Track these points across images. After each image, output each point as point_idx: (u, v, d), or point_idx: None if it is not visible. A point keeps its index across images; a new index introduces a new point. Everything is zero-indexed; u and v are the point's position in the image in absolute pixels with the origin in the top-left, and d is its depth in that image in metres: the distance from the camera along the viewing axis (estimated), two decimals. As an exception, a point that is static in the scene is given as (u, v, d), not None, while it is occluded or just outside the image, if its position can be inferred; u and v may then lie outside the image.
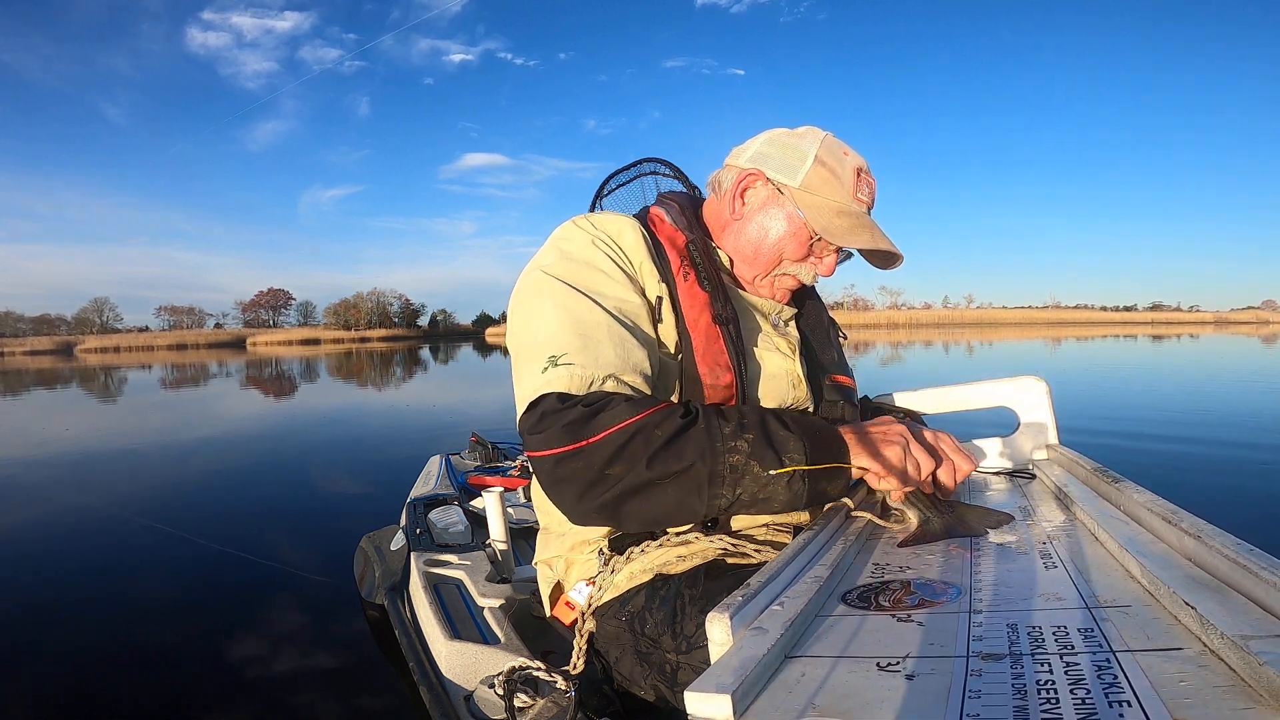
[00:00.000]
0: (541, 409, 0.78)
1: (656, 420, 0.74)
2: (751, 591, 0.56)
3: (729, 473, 0.73)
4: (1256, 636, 0.41)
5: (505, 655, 1.18)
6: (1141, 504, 0.71)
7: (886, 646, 0.50)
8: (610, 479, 0.73)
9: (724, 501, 0.74)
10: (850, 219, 0.94)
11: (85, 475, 4.57)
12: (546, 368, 0.80)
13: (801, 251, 0.97)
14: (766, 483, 0.73)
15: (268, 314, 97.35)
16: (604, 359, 0.81)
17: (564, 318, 0.83)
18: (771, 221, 0.96)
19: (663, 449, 0.73)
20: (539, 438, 0.76)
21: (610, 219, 0.94)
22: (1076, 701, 0.39)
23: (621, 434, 0.73)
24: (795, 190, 0.95)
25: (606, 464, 0.73)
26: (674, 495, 0.74)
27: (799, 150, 0.96)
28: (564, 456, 0.74)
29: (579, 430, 0.74)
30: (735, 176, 0.98)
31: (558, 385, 0.79)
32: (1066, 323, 77.16)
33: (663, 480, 0.73)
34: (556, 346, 0.81)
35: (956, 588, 0.61)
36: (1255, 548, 0.52)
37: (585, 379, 0.79)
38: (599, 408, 0.75)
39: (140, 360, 33.75)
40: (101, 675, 1.78)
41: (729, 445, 0.73)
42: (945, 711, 0.40)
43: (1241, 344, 19.24)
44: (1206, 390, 7.72)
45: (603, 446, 0.73)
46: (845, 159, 0.96)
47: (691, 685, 0.42)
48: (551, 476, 0.77)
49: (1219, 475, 3.62)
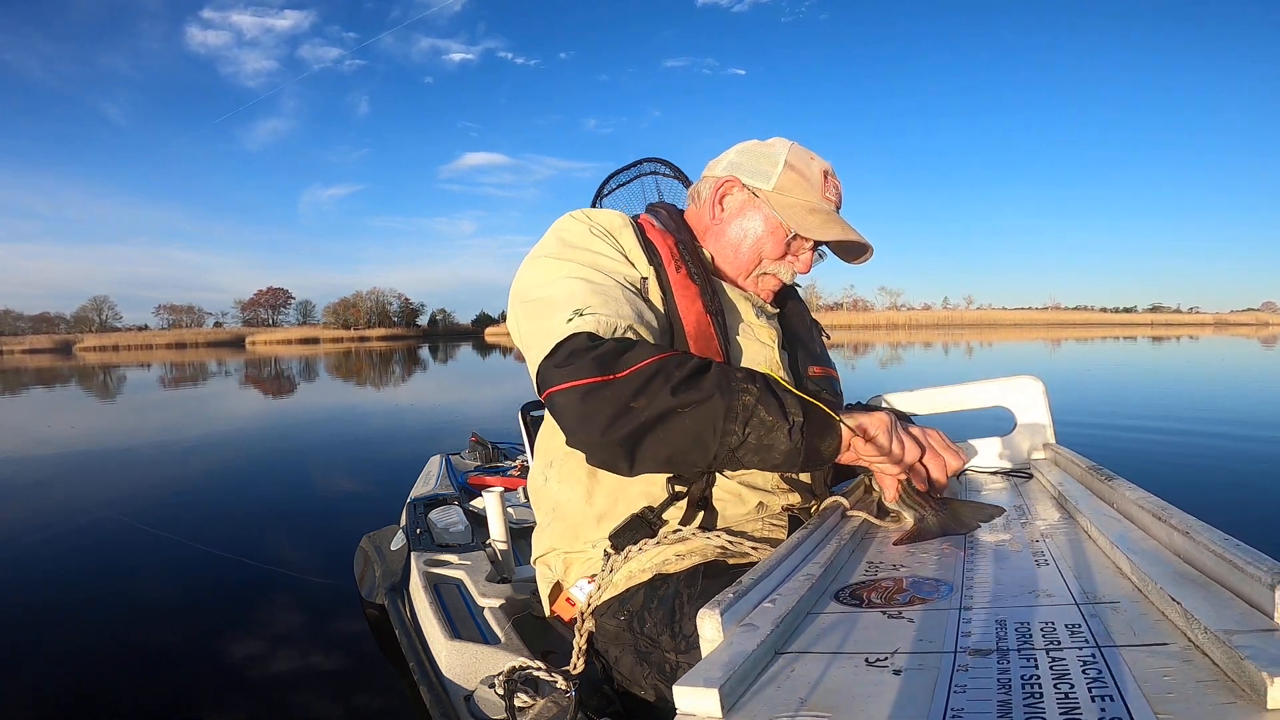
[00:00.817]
0: (571, 346, 0.81)
1: (676, 360, 0.80)
2: (743, 589, 0.56)
3: (741, 410, 0.77)
4: (1239, 631, 0.42)
5: (505, 655, 1.19)
6: (1133, 501, 0.72)
7: (876, 643, 0.50)
8: (634, 411, 0.77)
9: (734, 439, 0.77)
10: (822, 215, 1.01)
11: (84, 475, 4.57)
12: (572, 318, 0.84)
13: (779, 250, 1.03)
14: (771, 428, 0.77)
15: (267, 313, 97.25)
16: (623, 311, 0.86)
17: (579, 284, 0.88)
18: (749, 223, 1.03)
19: (683, 382, 0.77)
20: (566, 370, 0.80)
21: (604, 212, 1.00)
22: (1060, 696, 0.40)
23: (647, 369, 0.78)
24: (769, 193, 1.01)
25: (632, 396, 0.77)
26: (691, 427, 0.77)
27: (770, 157, 1.03)
28: (593, 387, 0.78)
29: (609, 364, 0.78)
30: (713, 185, 1.05)
31: (586, 327, 0.83)
32: (1066, 324, 77.16)
33: (683, 409, 0.77)
34: (580, 301, 0.85)
35: (949, 585, 0.62)
36: (1241, 542, 0.52)
37: (610, 325, 0.84)
38: (626, 346, 0.81)
39: (139, 359, 33.74)
40: (102, 676, 1.79)
41: (741, 386, 0.78)
42: (930, 706, 0.40)
43: (1241, 346, 19.26)
44: (1205, 389, 7.73)
45: (631, 380, 0.77)
46: (812, 163, 1.03)
47: (680, 680, 0.43)
48: (580, 408, 0.79)
49: (1215, 470, 3.64)
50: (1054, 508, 0.89)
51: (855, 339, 32.45)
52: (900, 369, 13.29)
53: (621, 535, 0.92)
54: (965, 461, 0.92)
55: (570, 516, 0.98)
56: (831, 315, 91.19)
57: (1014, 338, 31.89)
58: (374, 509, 3.12)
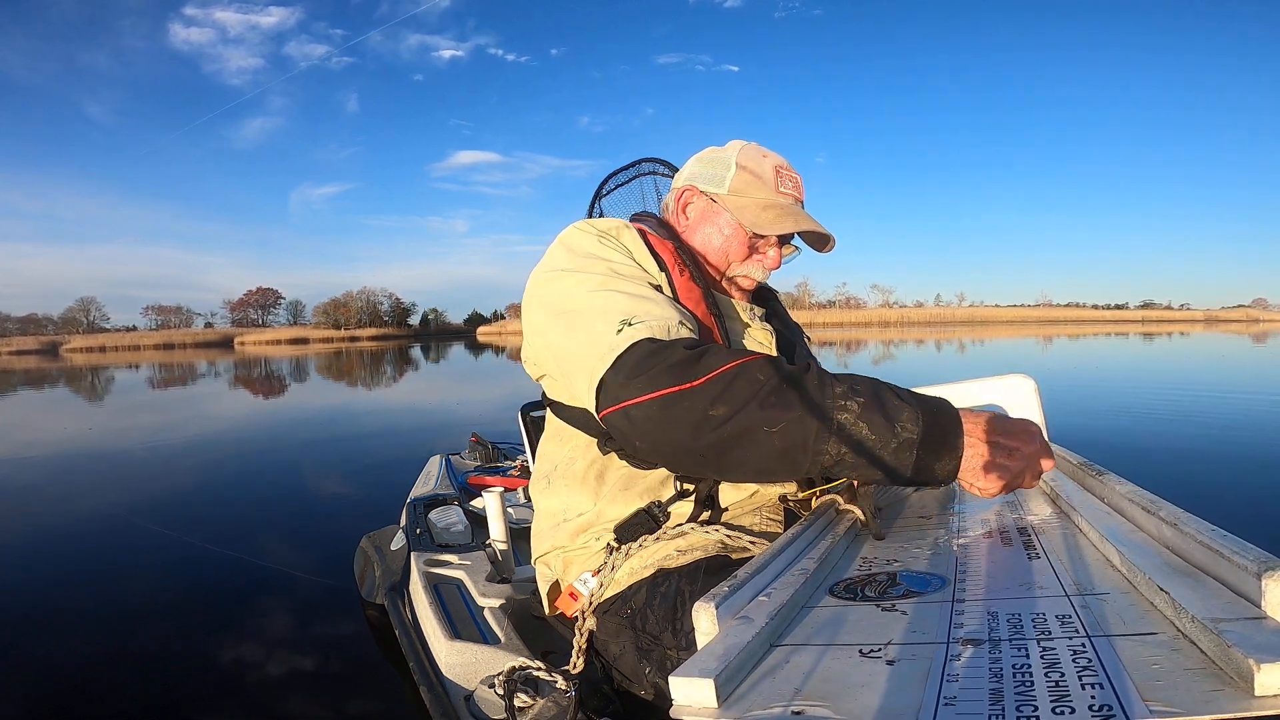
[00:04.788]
0: (638, 354, 0.77)
1: (758, 364, 0.74)
2: (739, 582, 0.57)
3: (837, 430, 0.71)
4: (1226, 620, 0.42)
5: (505, 655, 1.19)
6: (1124, 495, 0.73)
7: (870, 634, 0.51)
8: (714, 420, 0.72)
9: (828, 459, 0.72)
10: (776, 210, 1.01)
11: (83, 476, 4.53)
12: (621, 328, 0.80)
13: (743, 251, 1.04)
14: (874, 447, 0.72)
15: (256, 313, 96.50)
16: (668, 313, 0.82)
17: (612, 294, 0.85)
18: (711, 228, 1.04)
19: (772, 393, 0.72)
20: (641, 381, 0.75)
21: (607, 220, 1.00)
22: (1050, 684, 0.40)
23: (726, 375, 0.73)
24: (725, 196, 1.03)
25: (711, 404, 0.72)
26: (779, 444, 0.73)
27: (723, 161, 1.04)
28: (673, 398, 0.73)
29: (686, 370, 0.74)
30: (675, 195, 1.08)
31: (642, 334, 0.78)
32: (1058, 321, 77.56)
33: (771, 426, 0.72)
34: (622, 312, 0.81)
35: (941, 578, 0.63)
36: (1229, 533, 0.52)
37: (664, 328, 0.80)
38: (702, 350, 0.76)
39: (127, 360, 33.35)
40: (101, 675, 1.78)
41: (839, 403, 0.72)
42: (924, 694, 0.41)
43: (1231, 342, 19.43)
44: (1195, 382, 7.81)
45: (710, 386, 0.73)
46: (764, 160, 1.04)
47: (675, 670, 0.43)
48: (661, 419, 0.75)
49: (1206, 460, 3.68)
50: (1046, 503, 0.91)
51: (848, 337, 32.51)
52: (893, 366, 13.34)
53: (625, 530, 0.92)
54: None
55: (575, 520, 0.98)
56: (824, 313, 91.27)
57: (1006, 335, 32.05)
58: (374, 509, 3.13)
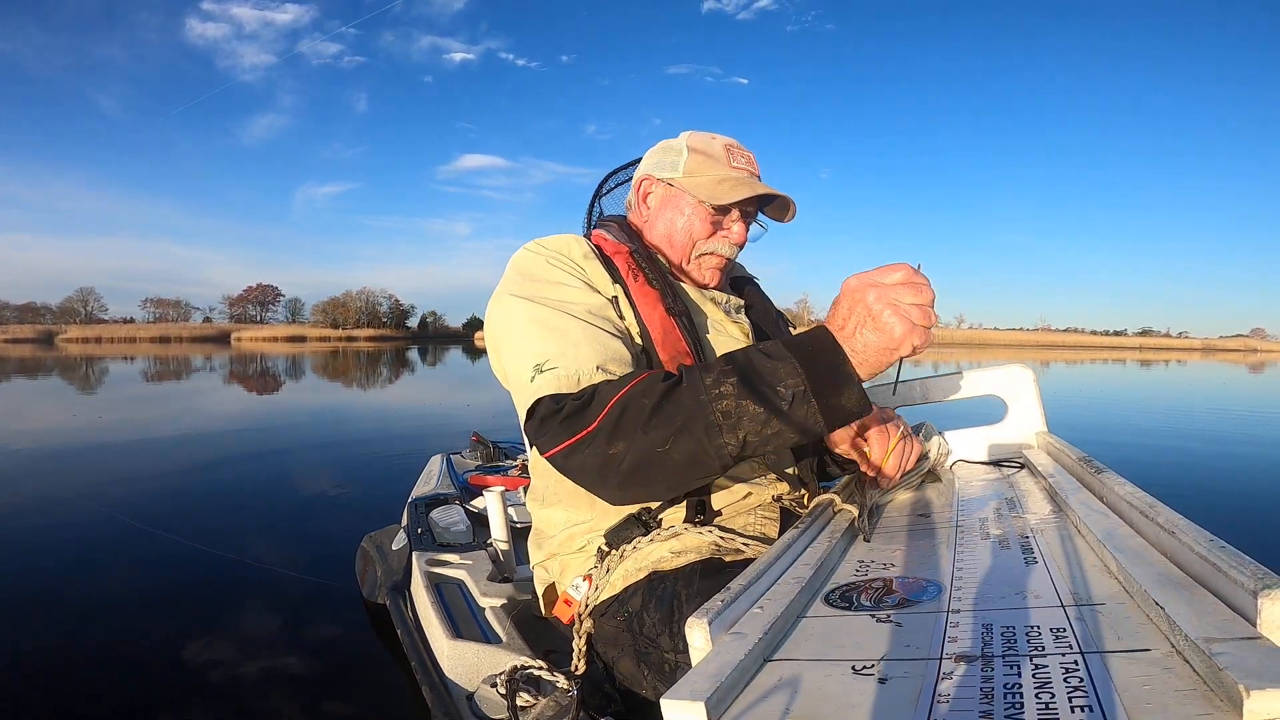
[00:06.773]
0: (540, 413, 0.84)
1: (640, 389, 0.78)
2: (732, 595, 0.57)
3: (723, 419, 0.73)
4: (1220, 639, 0.42)
5: (507, 655, 1.20)
6: (1123, 496, 0.73)
7: (863, 649, 0.51)
8: (615, 458, 0.77)
9: (732, 449, 0.74)
10: (730, 182, 1.05)
11: (76, 472, 4.49)
12: (534, 376, 0.86)
13: (707, 228, 1.07)
14: (768, 418, 0.72)
15: (255, 310, 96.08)
16: (583, 356, 0.86)
17: (538, 330, 0.90)
18: (672, 211, 1.08)
19: (652, 415, 0.75)
20: (544, 439, 0.82)
21: (557, 238, 1.03)
22: (1040, 706, 0.40)
23: (612, 413, 0.77)
24: (681, 179, 1.07)
25: (608, 444, 0.77)
26: (679, 458, 0.75)
27: (674, 148, 1.10)
28: (570, 450, 0.79)
29: (575, 423, 0.79)
30: (634, 187, 1.14)
31: (547, 388, 0.84)
32: (1056, 345, 77.59)
33: (664, 445, 0.75)
34: (538, 355, 0.87)
35: (937, 585, 0.63)
36: (1226, 544, 0.51)
37: (571, 377, 0.84)
38: (588, 398, 0.81)
39: (122, 352, 33.14)
40: (101, 675, 1.78)
41: (714, 394, 0.73)
42: (914, 717, 0.41)
43: (1229, 372, 19.46)
44: (1191, 408, 7.84)
45: (599, 432, 0.77)
46: (713, 141, 1.09)
47: (667, 693, 0.43)
48: (566, 470, 0.82)
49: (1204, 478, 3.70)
50: (1045, 501, 0.91)
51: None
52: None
53: (615, 534, 0.94)
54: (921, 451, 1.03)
55: (569, 529, 1.00)
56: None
57: (1004, 357, 32.04)
58: (375, 509, 3.12)
